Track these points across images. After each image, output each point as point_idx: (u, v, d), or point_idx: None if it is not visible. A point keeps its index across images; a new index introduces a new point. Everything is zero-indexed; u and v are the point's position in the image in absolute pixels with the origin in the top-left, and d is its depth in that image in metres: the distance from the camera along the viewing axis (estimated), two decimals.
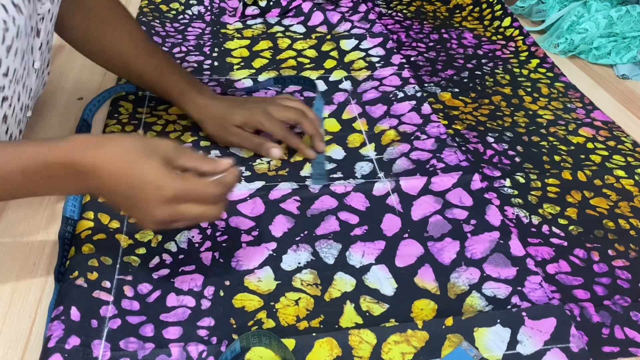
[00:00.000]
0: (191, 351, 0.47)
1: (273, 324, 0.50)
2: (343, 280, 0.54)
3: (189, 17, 1.01)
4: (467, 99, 0.83)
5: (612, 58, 0.93)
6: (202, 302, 0.51)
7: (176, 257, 0.55)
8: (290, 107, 0.70)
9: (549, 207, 0.64)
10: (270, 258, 0.56)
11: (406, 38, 0.99)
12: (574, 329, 0.50)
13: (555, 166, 0.70)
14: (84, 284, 0.50)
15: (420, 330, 0.50)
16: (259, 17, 1.02)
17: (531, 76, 0.89)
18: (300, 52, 0.92)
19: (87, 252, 0.54)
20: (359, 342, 0.48)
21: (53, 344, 0.45)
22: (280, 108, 0.69)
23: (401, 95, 0.81)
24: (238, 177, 0.51)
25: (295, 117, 0.69)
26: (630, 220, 0.63)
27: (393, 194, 0.64)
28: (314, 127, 0.70)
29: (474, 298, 0.53)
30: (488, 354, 0.48)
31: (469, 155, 0.71)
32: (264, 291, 0.53)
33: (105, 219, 0.58)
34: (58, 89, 0.80)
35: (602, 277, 0.56)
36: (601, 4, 0.94)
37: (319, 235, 0.59)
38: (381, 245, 0.58)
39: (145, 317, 0.50)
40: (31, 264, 0.55)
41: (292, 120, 0.69)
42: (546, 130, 0.77)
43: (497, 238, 0.59)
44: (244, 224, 0.60)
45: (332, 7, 1.05)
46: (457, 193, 0.65)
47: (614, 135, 0.77)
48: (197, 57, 0.89)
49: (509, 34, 1.00)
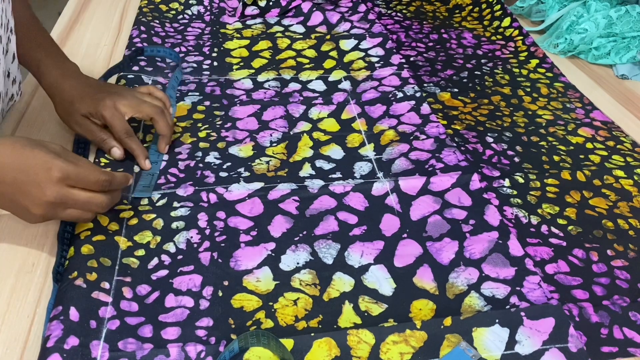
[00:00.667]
0: (190, 351, 0.47)
1: (272, 324, 0.50)
2: (342, 280, 0.54)
3: (188, 17, 1.01)
4: (467, 99, 0.83)
5: (611, 58, 0.93)
6: (201, 303, 0.51)
7: (175, 257, 0.55)
8: (146, 102, 0.66)
9: (548, 207, 0.64)
10: (269, 258, 0.56)
11: (405, 38, 0.99)
12: (572, 329, 0.50)
13: (554, 166, 0.70)
14: (83, 285, 0.51)
15: (419, 330, 0.50)
16: (258, 17, 1.02)
17: (530, 76, 0.89)
18: (300, 52, 0.92)
19: (87, 253, 0.54)
20: (358, 342, 0.48)
21: (52, 343, 0.45)
22: (133, 102, 0.65)
23: (400, 95, 0.81)
24: (128, 179, 0.56)
25: (148, 113, 0.65)
26: (629, 220, 0.63)
27: (392, 194, 0.64)
28: (168, 128, 0.66)
29: (473, 298, 0.53)
30: (486, 354, 0.48)
31: (468, 155, 0.71)
32: (263, 291, 0.53)
33: (105, 220, 0.58)
34: None
35: (601, 277, 0.56)
36: (601, 4, 0.94)
37: (317, 235, 0.59)
38: (380, 245, 0.58)
39: (143, 318, 0.50)
40: (30, 264, 0.55)
41: (144, 116, 0.66)
42: (545, 130, 0.77)
43: (496, 238, 0.59)
44: (242, 224, 0.60)
45: (331, 7, 1.05)
46: (456, 193, 0.65)
47: (613, 135, 0.77)
48: (196, 57, 0.89)
49: (508, 34, 1.00)
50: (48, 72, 0.67)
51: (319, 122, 0.76)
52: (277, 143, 0.71)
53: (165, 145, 0.67)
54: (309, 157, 0.69)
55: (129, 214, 0.59)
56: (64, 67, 0.68)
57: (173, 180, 0.64)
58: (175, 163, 0.67)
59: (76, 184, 0.51)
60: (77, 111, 0.65)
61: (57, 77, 0.67)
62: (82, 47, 0.91)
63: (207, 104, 0.78)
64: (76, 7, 1.04)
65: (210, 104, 0.78)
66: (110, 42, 0.93)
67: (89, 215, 0.54)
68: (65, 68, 0.68)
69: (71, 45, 0.91)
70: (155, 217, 0.59)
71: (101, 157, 0.66)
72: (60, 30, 0.95)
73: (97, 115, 0.64)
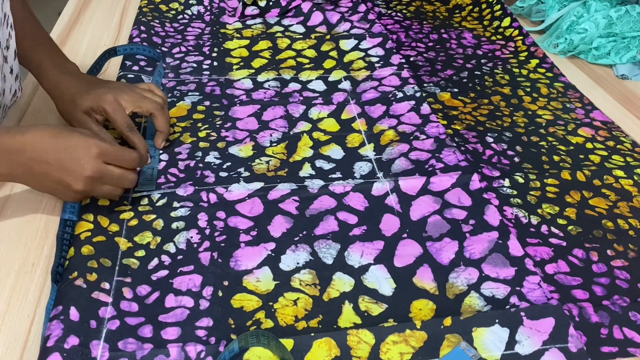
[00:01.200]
0: (189, 351, 0.47)
1: (271, 324, 0.50)
2: (342, 280, 0.54)
3: (188, 17, 1.01)
4: (467, 99, 0.83)
5: (611, 58, 0.93)
6: (201, 303, 0.51)
7: (175, 258, 0.55)
8: (147, 97, 0.68)
9: (548, 207, 0.64)
10: (268, 258, 0.56)
11: (405, 38, 0.99)
12: (572, 329, 0.50)
13: (554, 166, 0.70)
14: (83, 285, 0.51)
15: (419, 330, 0.50)
16: (258, 17, 1.02)
17: (530, 76, 0.89)
18: (300, 52, 0.92)
19: (87, 254, 0.54)
20: (358, 342, 0.48)
21: (52, 343, 0.45)
22: (134, 97, 0.67)
23: (400, 95, 0.81)
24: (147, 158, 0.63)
25: (148, 108, 0.67)
26: (629, 221, 0.63)
27: (392, 194, 0.64)
28: (167, 124, 0.68)
29: (473, 298, 0.53)
30: (486, 354, 0.48)
31: (468, 155, 0.71)
32: (263, 291, 0.53)
33: (105, 221, 0.58)
34: None
35: (601, 277, 0.56)
36: (601, 4, 0.94)
37: (317, 235, 0.59)
38: (380, 245, 0.58)
39: (144, 318, 0.50)
40: (30, 264, 0.55)
41: (144, 111, 0.67)
42: (545, 130, 0.77)
43: (496, 238, 0.59)
44: (242, 224, 0.60)
45: (331, 7, 1.05)
46: (456, 193, 0.65)
47: (613, 135, 0.77)
48: (196, 57, 0.89)
49: (508, 34, 1.00)
50: (48, 71, 0.68)
51: (319, 122, 0.76)
52: (277, 143, 0.71)
53: (161, 141, 0.69)
54: (309, 157, 0.69)
55: (129, 214, 0.59)
56: (64, 66, 0.69)
57: (173, 180, 0.64)
58: (175, 163, 0.67)
59: (112, 161, 0.57)
60: (79, 108, 0.66)
61: (58, 76, 0.67)
62: (82, 47, 0.91)
63: (207, 103, 0.78)
64: (76, 7, 1.04)
65: (210, 104, 0.78)
66: (110, 42, 0.93)
67: (119, 192, 0.59)
68: (65, 67, 0.69)
69: (71, 45, 0.91)
70: (155, 217, 0.59)
71: None
72: (60, 30, 0.95)
73: (99, 110, 0.65)
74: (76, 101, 0.66)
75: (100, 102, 0.65)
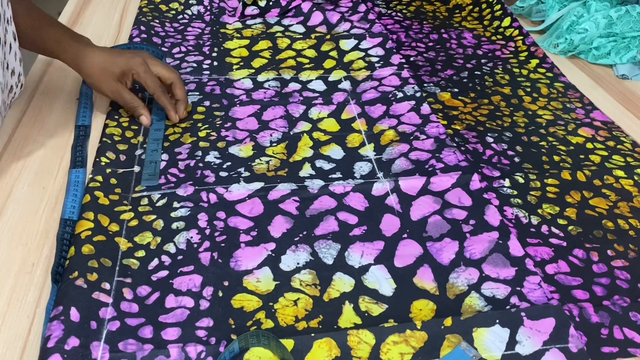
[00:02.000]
0: (190, 352, 0.47)
1: (272, 324, 0.50)
2: (342, 280, 0.54)
3: (188, 17, 1.01)
4: (467, 99, 0.83)
5: (611, 58, 0.93)
6: (201, 303, 0.51)
7: (175, 258, 0.55)
8: (169, 66, 0.74)
9: (548, 207, 0.64)
10: (269, 258, 0.56)
11: (406, 38, 0.99)
12: (572, 329, 0.50)
13: (554, 166, 0.70)
14: (83, 285, 0.51)
15: (419, 330, 0.50)
16: (258, 17, 1.02)
17: (531, 76, 0.89)
18: (300, 52, 0.92)
19: (87, 253, 0.54)
20: (358, 343, 0.48)
21: (53, 344, 0.45)
22: (157, 63, 0.72)
23: (400, 95, 0.81)
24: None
25: (169, 76, 0.72)
26: (630, 221, 0.63)
27: (392, 194, 0.64)
28: (184, 93, 0.74)
29: (473, 298, 0.53)
30: (487, 354, 0.48)
31: (468, 155, 0.71)
32: (263, 291, 0.53)
33: (105, 221, 0.58)
34: (57, 89, 0.80)
35: (601, 277, 0.56)
36: (601, 4, 0.94)
37: (318, 235, 0.59)
38: (380, 246, 0.58)
39: (144, 318, 0.50)
40: (30, 264, 0.55)
41: (166, 77, 0.72)
42: (545, 130, 0.77)
43: (496, 238, 0.59)
44: (242, 224, 0.59)
45: (331, 7, 1.05)
46: (456, 193, 0.65)
47: (613, 135, 0.77)
48: (196, 57, 0.89)
49: (508, 34, 1.00)
50: (69, 45, 0.70)
51: (319, 122, 0.76)
52: (277, 143, 0.71)
53: (184, 109, 0.73)
54: (309, 157, 0.69)
55: (129, 215, 0.59)
56: (82, 39, 0.72)
57: (173, 180, 0.64)
58: (175, 163, 0.67)
59: None
60: (112, 75, 0.69)
61: (81, 47, 0.70)
62: None
63: (207, 103, 0.78)
64: (76, 7, 1.03)
65: (210, 103, 0.78)
66: (110, 42, 0.93)
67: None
68: (84, 40, 0.72)
69: None
70: (156, 217, 0.59)
71: (102, 156, 0.66)
72: None
73: (130, 74, 0.70)
74: (107, 68, 0.69)
75: (131, 64, 0.69)
